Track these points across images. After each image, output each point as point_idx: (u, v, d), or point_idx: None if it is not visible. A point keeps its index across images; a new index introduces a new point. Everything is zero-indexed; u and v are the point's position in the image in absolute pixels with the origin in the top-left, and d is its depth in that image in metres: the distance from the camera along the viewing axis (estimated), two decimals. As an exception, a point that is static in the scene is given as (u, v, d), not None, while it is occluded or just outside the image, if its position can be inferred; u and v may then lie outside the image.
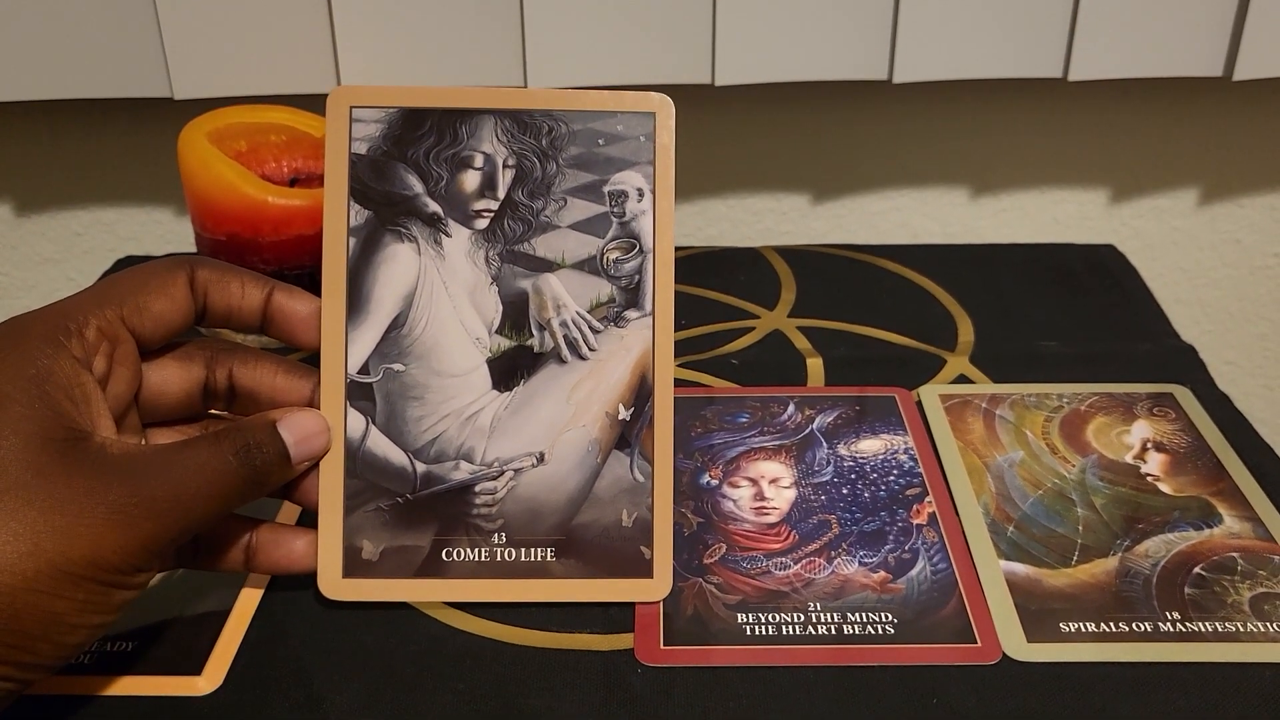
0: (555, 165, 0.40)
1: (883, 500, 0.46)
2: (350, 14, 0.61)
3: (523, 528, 0.40)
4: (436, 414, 0.40)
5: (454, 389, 0.40)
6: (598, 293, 0.40)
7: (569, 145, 0.40)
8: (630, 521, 0.39)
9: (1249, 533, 0.44)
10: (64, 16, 0.60)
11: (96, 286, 0.37)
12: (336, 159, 0.40)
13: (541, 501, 0.40)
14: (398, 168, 0.40)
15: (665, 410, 0.40)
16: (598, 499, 0.40)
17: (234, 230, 0.54)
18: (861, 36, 0.63)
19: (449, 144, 0.40)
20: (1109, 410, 0.51)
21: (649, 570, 0.39)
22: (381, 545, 0.39)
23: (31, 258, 0.73)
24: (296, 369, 0.40)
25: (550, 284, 0.40)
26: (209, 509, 0.35)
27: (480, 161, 0.40)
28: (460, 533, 0.40)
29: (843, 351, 0.56)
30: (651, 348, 0.40)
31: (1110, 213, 0.75)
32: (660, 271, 0.40)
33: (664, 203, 0.40)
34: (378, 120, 0.40)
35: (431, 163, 0.40)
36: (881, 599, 0.41)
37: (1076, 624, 0.40)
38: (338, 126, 0.40)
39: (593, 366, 0.40)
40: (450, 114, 0.40)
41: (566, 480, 0.40)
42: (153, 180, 0.71)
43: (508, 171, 0.40)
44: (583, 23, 0.62)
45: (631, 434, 0.40)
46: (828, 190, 0.73)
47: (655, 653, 0.39)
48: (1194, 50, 0.64)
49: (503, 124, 0.40)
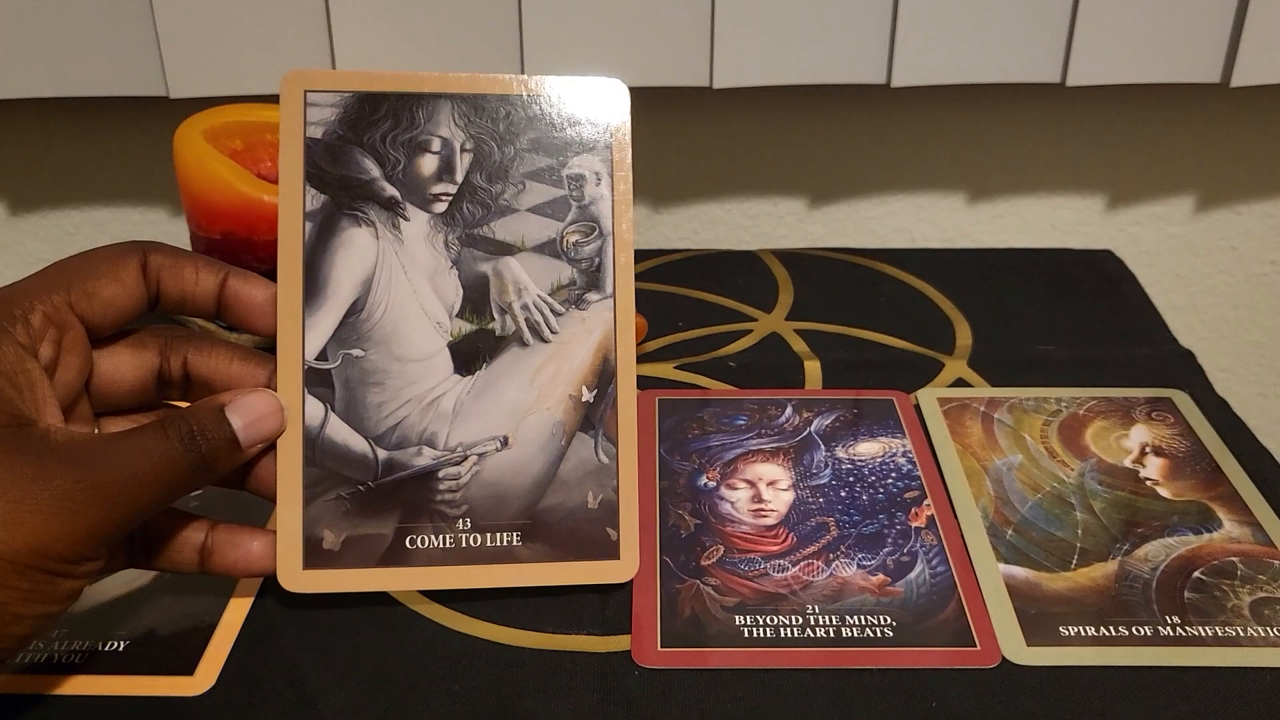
0: (513, 149, 0.40)
1: (881, 503, 0.45)
2: (347, 13, 0.61)
3: (488, 513, 0.39)
4: (397, 399, 0.39)
5: (415, 374, 0.40)
6: (558, 275, 0.40)
7: (526, 129, 0.40)
8: (596, 503, 0.39)
9: (1248, 537, 0.43)
10: (59, 14, 0.60)
11: (44, 271, 0.36)
12: (291, 143, 0.39)
13: (506, 486, 0.39)
14: (354, 151, 0.40)
15: (628, 391, 0.40)
16: (563, 481, 0.40)
17: (229, 229, 0.54)
18: (860, 40, 0.63)
19: (405, 128, 0.40)
20: (1107, 414, 0.51)
21: (615, 551, 0.39)
22: (343, 534, 0.39)
23: (24, 257, 0.73)
24: (252, 355, 0.39)
25: (510, 267, 0.40)
26: (155, 496, 0.34)
27: (437, 145, 0.40)
28: (424, 519, 0.39)
29: (840, 354, 0.56)
30: (613, 329, 0.40)
31: (1107, 219, 0.75)
32: (620, 254, 0.41)
33: (622, 186, 0.41)
34: (333, 105, 0.40)
35: (388, 147, 0.40)
36: (880, 602, 0.41)
37: (1076, 628, 0.39)
38: (292, 110, 0.39)
39: (555, 349, 0.40)
40: (406, 98, 0.40)
41: (531, 464, 0.40)
42: (147, 179, 0.71)
43: (465, 155, 0.40)
44: (580, 24, 0.62)
45: (595, 416, 0.40)
46: (825, 194, 0.73)
47: (652, 654, 0.38)
48: (1192, 56, 0.64)
49: (459, 108, 0.40)
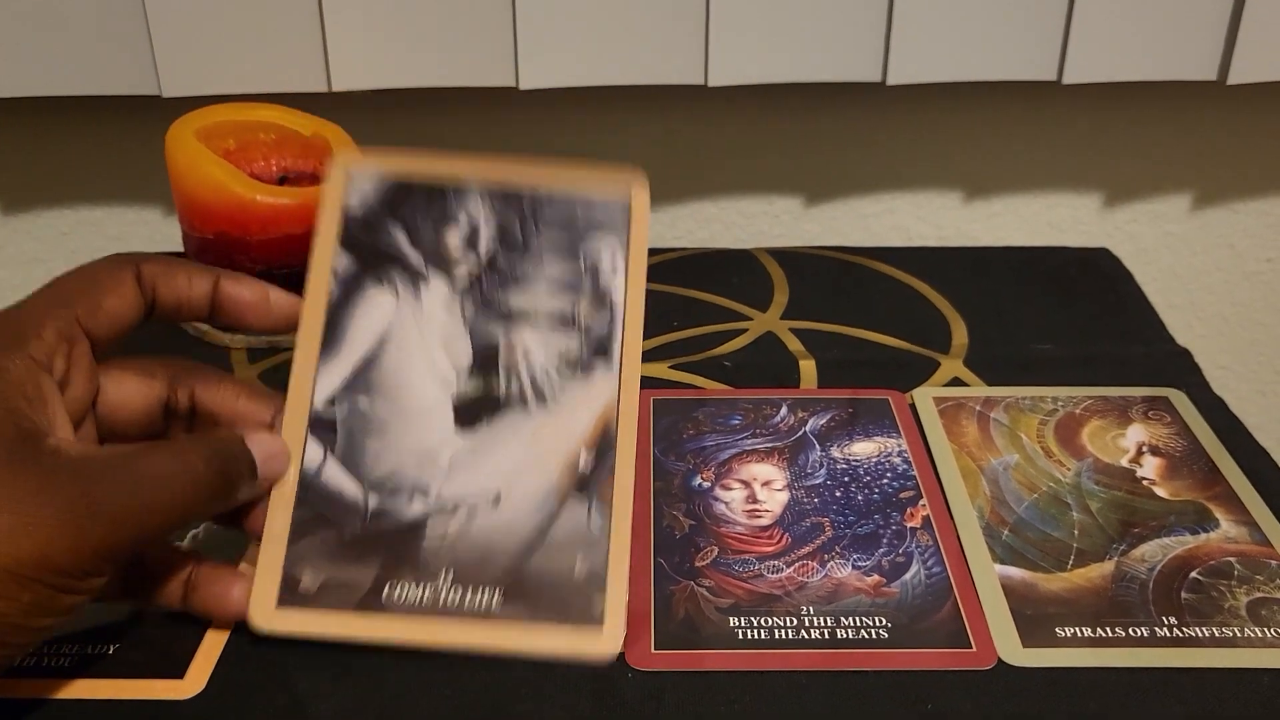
0: (534, 227, 0.42)
1: (876, 503, 0.45)
2: (341, 12, 0.61)
3: (472, 568, 0.38)
4: (395, 448, 0.40)
5: (416, 425, 0.40)
6: (567, 345, 0.41)
7: (549, 211, 0.43)
8: (583, 572, 0.38)
9: (1245, 537, 0.43)
10: (51, 13, 0.60)
11: (49, 288, 0.37)
12: (330, 209, 0.42)
13: (494, 544, 0.39)
14: (386, 223, 0.42)
15: (626, 463, 0.40)
16: (552, 545, 0.39)
17: (222, 229, 0.54)
18: (856, 38, 0.63)
19: (437, 205, 0.42)
20: (1104, 414, 0.51)
21: (599, 621, 0.38)
22: (322, 576, 0.38)
23: (17, 257, 0.72)
24: (259, 393, 0.40)
25: (522, 334, 0.41)
26: (169, 517, 0.34)
27: (464, 223, 0.42)
28: (406, 568, 0.38)
29: (836, 354, 0.56)
30: (616, 401, 0.41)
31: (1104, 217, 0.74)
32: (629, 330, 0.41)
33: (636, 267, 0.42)
34: (372, 181, 0.43)
35: (419, 221, 0.42)
36: (875, 603, 0.40)
37: (1072, 629, 0.39)
38: (335, 182, 0.42)
39: (556, 413, 0.40)
40: (440, 180, 0.43)
41: (522, 524, 0.39)
42: (140, 179, 0.70)
43: (489, 234, 0.42)
44: (575, 23, 0.61)
45: (591, 482, 0.39)
46: (821, 192, 0.73)
47: (646, 656, 0.38)
48: (1188, 54, 0.64)
49: (488, 193, 0.43)
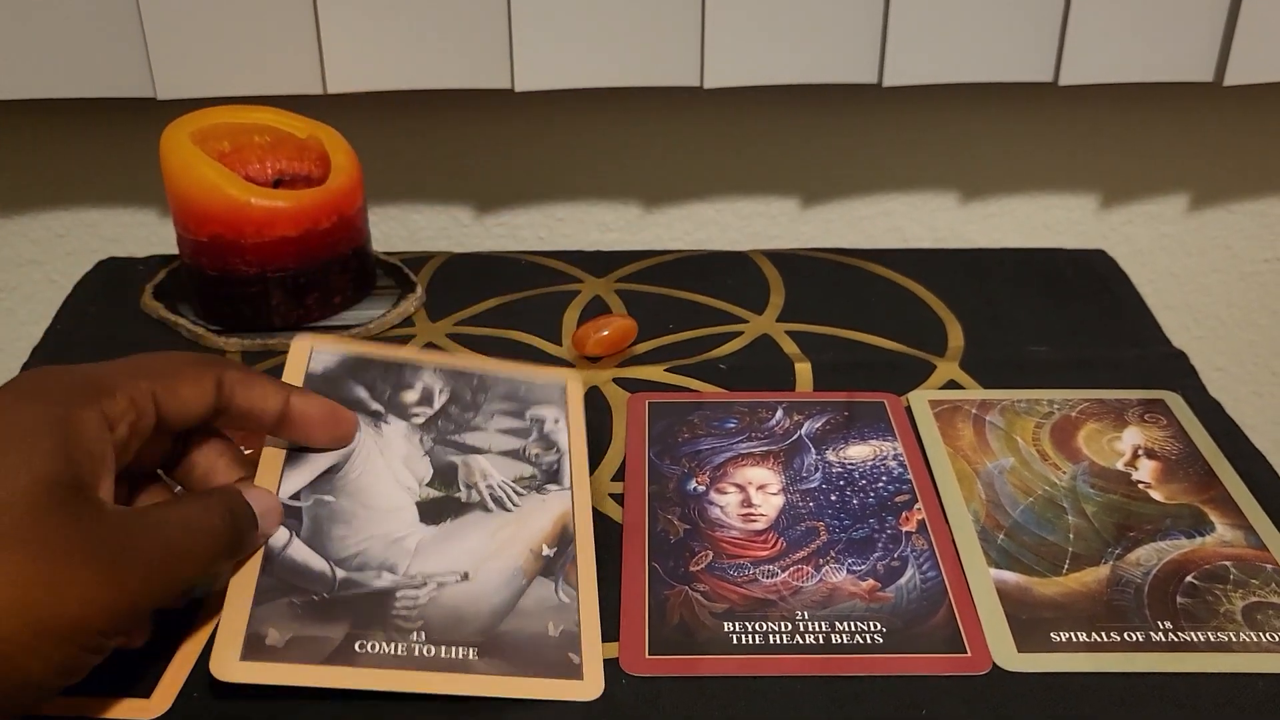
0: (484, 396, 0.48)
1: (871, 507, 0.45)
2: (335, 14, 0.61)
3: (444, 630, 0.38)
4: (361, 534, 0.40)
5: (381, 520, 0.41)
6: (520, 471, 0.45)
7: (495, 385, 0.48)
8: (557, 633, 0.39)
9: (1241, 541, 0.43)
10: (45, 15, 0.60)
11: (132, 360, 0.38)
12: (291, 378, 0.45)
13: (464, 609, 0.39)
14: (348, 383, 0.46)
15: (587, 551, 0.42)
16: (523, 612, 0.39)
17: (217, 231, 0.54)
18: (851, 40, 0.63)
19: (393, 374, 0.47)
20: (1100, 416, 0.51)
21: (579, 673, 0.38)
22: (289, 634, 0.37)
23: (13, 259, 0.72)
24: (238, 460, 0.41)
25: (478, 460, 0.44)
26: (194, 570, 0.35)
27: (419, 388, 0.47)
28: (377, 628, 0.37)
29: (831, 356, 0.56)
30: (571, 509, 0.43)
31: (1100, 218, 0.74)
32: (575, 460, 0.46)
33: (576, 425, 0.48)
34: (334, 356, 0.47)
35: (377, 382, 0.46)
36: (870, 608, 0.40)
37: (1068, 633, 0.39)
38: (297, 358, 0.46)
39: (516, 516, 0.42)
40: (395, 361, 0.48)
41: (491, 596, 0.39)
42: (136, 181, 0.70)
43: (442, 395, 0.47)
44: (570, 25, 0.61)
45: (555, 566, 0.41)
46: (817, 194, 0.73)
47: (640, 662, 0.38)
48: (1185, 55, 0.64)
49: (441, 370, 0.48)
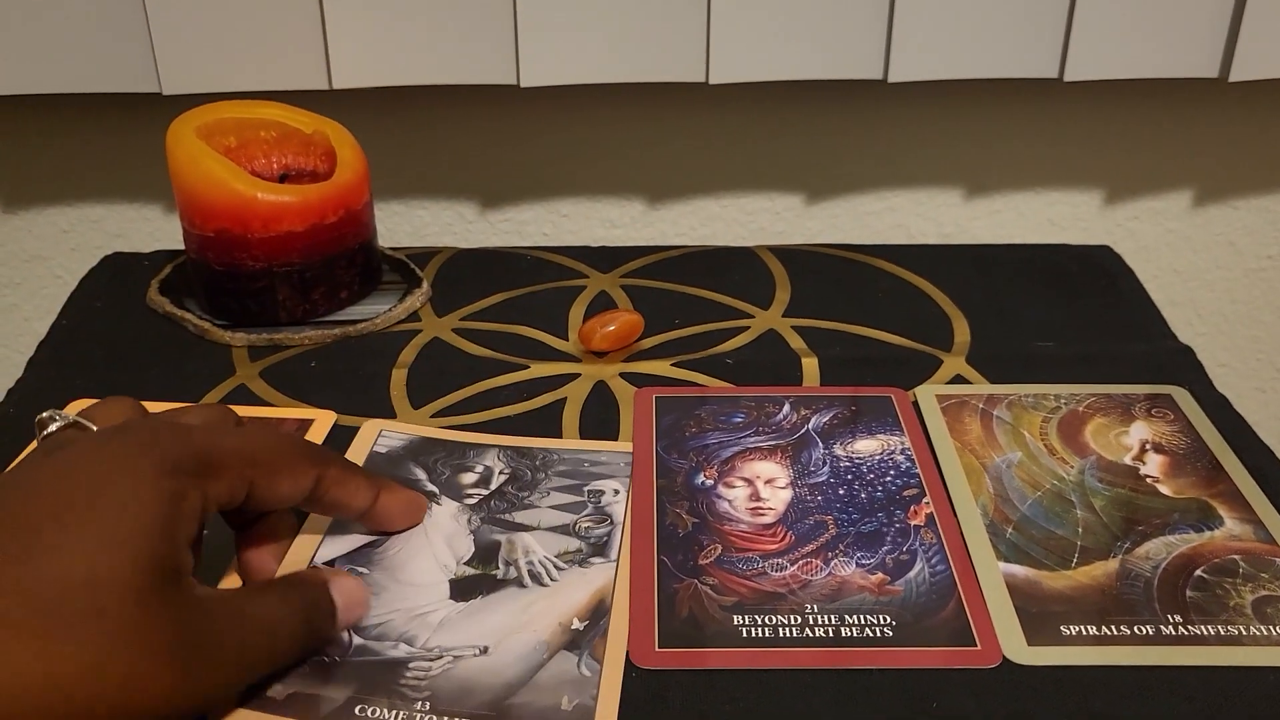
0: (545, 475, 0.47)
1: (880, 501, 0.45)
2: (341, 10, 0.61)
3: (451, 701, 0.36)
4: (387, 606, 0.40)
5: (411, 594, 0.40)
6: (565, 546, 0.43)
7: (559, 463, 0.47)
8: (570, 707, 0.36)
9: (1250, 535, 0.43)
10: (51, 11, 0.60)
11: (243, 437, 0.37)
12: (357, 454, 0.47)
13: (476, 681, 0.37)
14: (408, 464, 0.47)
15: (620, 627, 0.40)
16: (537, 685, 0.37)
17: (223, 226, 0.54)
18: (857, 35, 0.63)
19: (456, 457, 0.47)
20: (1107, 411, 0.51)
21: None
22: (291, 690, 0.36)
23: (18, 254, 0.72)
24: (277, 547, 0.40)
25: (523, 537, 0.43)
26: (265, 670, 0.34)
27: (479, 470, 0.47)
28: (380, 695, 0.37)
29: (838, 351, 0.56)
30: (614, 581, 0.42)
31: (1105, 214, 0.74)
32: (629, 532, 0.44)
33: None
34: (401, 439, 0.48)
35: (438, 465, 0.47)
36: (879, 601, 0.40)
37: (1077, 627, 0.39)
38: (364, 441, 0.48)
39: (551, 590, 0.41)
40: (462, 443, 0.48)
41: (506, 670, 0.38)
42: (141, 176, 0.70)
43: (501, 476, 0.47)
44: (576, 20, 0.61)
45: (584, 640, 0.39)
46: (822, 190, 0.73)
47: (650, 655, 0.38)
48: (1190, 51, 0.64)
49: (506, 451, 0.48)
